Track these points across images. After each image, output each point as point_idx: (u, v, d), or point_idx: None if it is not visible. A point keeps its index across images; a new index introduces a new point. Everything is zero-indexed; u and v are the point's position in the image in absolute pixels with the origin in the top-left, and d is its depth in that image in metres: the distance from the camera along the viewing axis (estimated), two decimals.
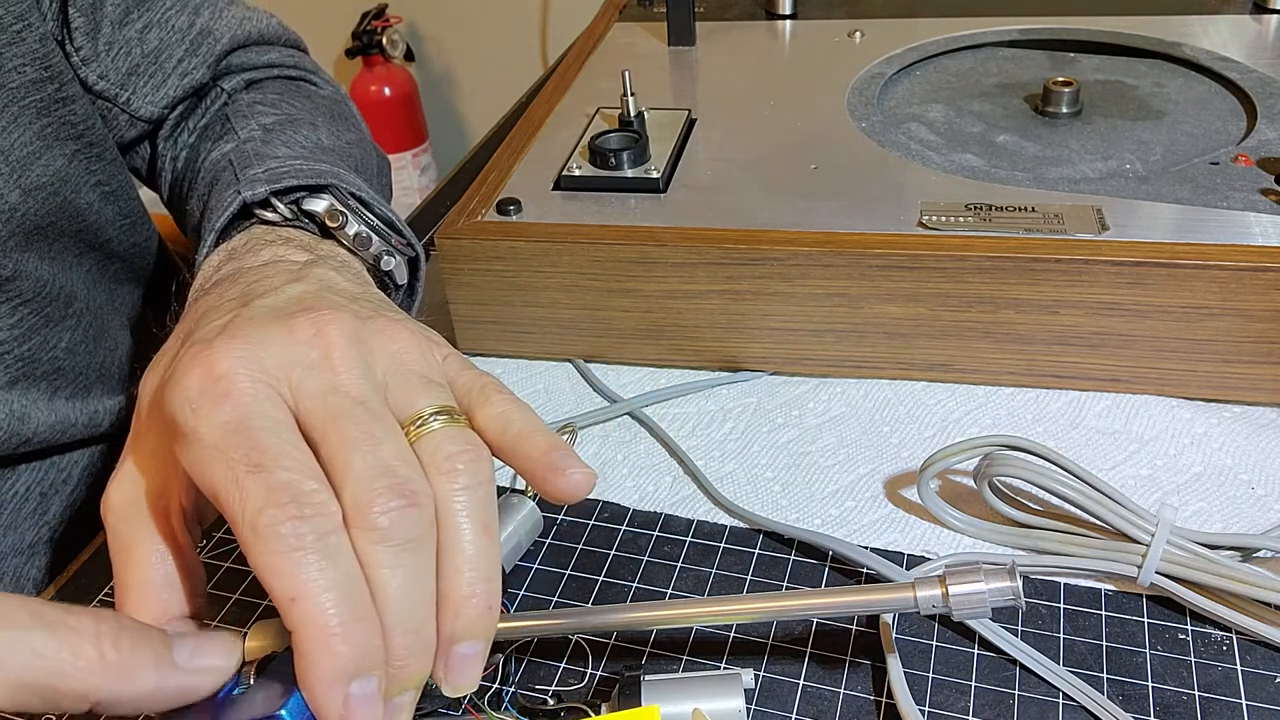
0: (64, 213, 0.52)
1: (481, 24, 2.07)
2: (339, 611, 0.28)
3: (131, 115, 0.57)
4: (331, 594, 0.28)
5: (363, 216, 0.48)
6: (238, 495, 0.29)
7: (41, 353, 0.53)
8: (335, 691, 0.28)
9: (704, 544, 0.45)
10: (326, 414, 0.31)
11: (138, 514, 0.33)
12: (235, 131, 0.55)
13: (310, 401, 0.32)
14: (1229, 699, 0.37)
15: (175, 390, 0.32)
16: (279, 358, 0.32)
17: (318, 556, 0.29)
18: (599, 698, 0.39)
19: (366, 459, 0.30)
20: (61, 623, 0.29)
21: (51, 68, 0.50)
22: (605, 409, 0.53)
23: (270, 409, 0.31)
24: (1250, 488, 0.45)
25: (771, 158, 0.57)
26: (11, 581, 0.55)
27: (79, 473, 0.58)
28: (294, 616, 0.28)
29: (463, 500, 0.31)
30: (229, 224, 0.45)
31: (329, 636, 0.28)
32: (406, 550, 0.30)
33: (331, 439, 0.31)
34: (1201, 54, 0.64)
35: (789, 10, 0.74)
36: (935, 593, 0.35)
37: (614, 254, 0.51)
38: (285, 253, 0.43)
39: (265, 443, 0.30)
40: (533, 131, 0.62)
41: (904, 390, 0.52)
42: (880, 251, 0.48)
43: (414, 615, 0.30)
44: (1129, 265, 0.45)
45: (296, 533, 0.29)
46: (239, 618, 0.44)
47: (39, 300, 0.52)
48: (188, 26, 0.58)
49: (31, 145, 0.50)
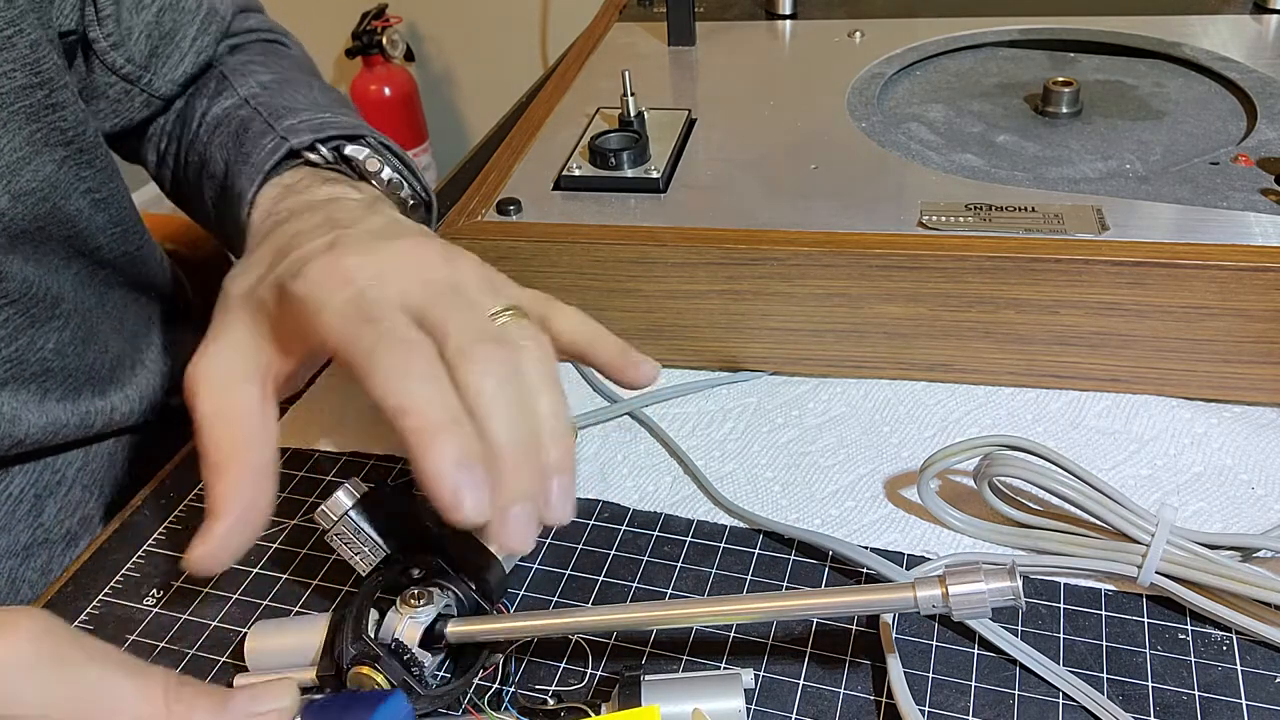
0: (53, 218, 0.53)
1: (481, 24, 2.07)
2: (443, 412, 0.34)
3: (151, 95, 0.61)
4: (435, 404, 0.34)
5: (391, 163, 0.54)
6: (356, 341, 0.36)
7: (29, 354, 0.53)
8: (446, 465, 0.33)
9: (704, 544, 0.45)
10: (426, 296, 0.38)
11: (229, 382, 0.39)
12: (234, 88, 0.59)
13: (413, 294, 0.38)
14: (1229, 699, 0.37)
15: (305, 283, 0.38)
16: (386, 261, 0.39)
17: (420, 379, 0.35)
18: (599, 698, 0.39)
19: (465, 318, 0.37)
20: (140, 669, 0.32)
21: (42, 74, 0.50)
22: (605, 409, 0.53)
23: (379, 294, 0.38)
24: (1250, 488, 0.45)
25: (771, 158, 0.57)
26: (7, 584, 0.55)
27: (73, 474, 0.58)
28: (404, 425, 0.34)
29: (535, 368, 0.37)
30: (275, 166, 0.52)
31: (433, 433, 0.33)
32: (510, 380, 0.36)
33: (432, 312, 0.37)
34: (1201, 54, 0.64)
35: (789, 10, 0.74)
36: (935, 593, 0.35)
37: (614, 254, 0.51)
38: (341, 191, 0.49)
39: (378, 310, 0.37)
40: (533, 131, 0.62)
41: (904, 390, 0.52)
42: (880, 251, 0.48)
43: (521, 428, 0.35)
44: (1129, 265, 0.45)
45: (410, 361, 0.35)
46: (239, 617, 0.44)
47: (25, 301, 0.52)
48: (196, 7, 0.62)
49: (21, 150, 0.50)
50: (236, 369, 0.40)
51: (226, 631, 0.43)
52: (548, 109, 0.64)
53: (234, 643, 0.43)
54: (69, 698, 0.31)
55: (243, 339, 0.41)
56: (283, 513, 0.49)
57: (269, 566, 0.46)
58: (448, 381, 0.35)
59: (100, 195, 0.57)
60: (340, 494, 0.40)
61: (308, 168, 0.52)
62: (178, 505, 0.50)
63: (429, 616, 0.38)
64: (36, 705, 0.30)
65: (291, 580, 0.45)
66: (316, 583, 0.45)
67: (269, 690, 0.34)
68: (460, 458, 0.33)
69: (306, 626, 0.40)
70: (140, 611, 0.44)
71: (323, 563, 0.46)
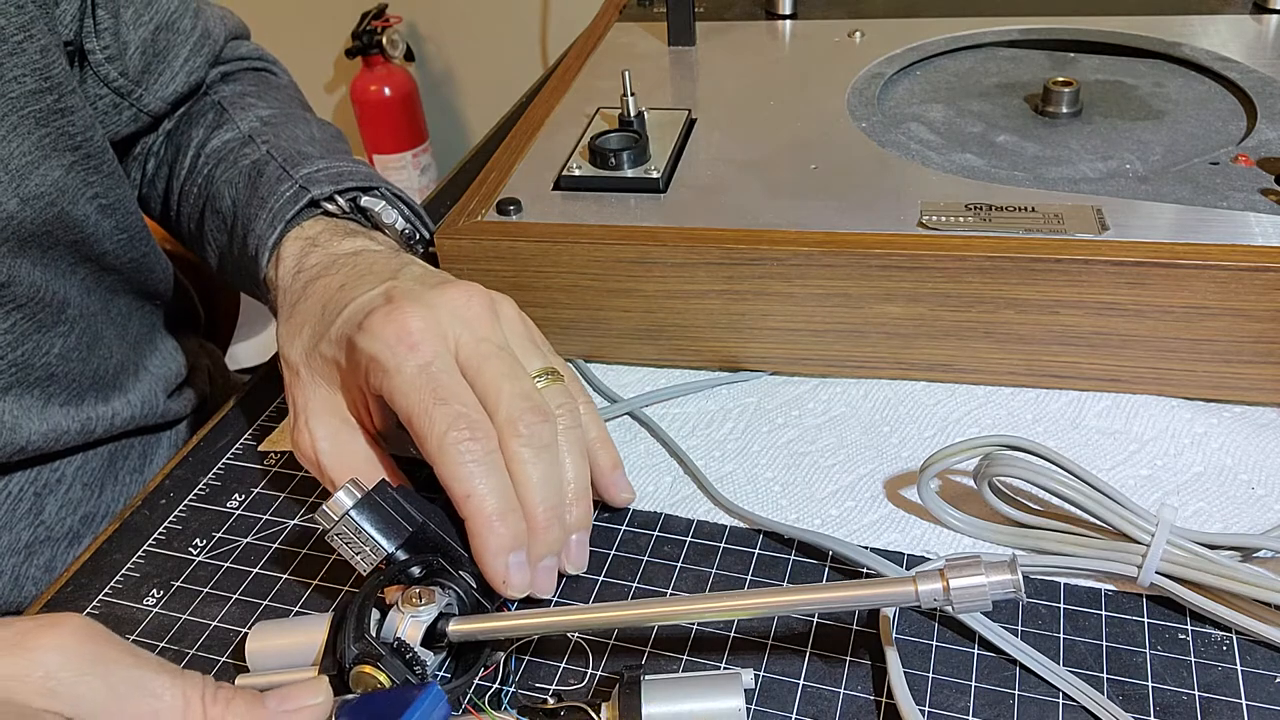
0: (60, 223, 0.53)
1: (481, 24, 2.07)
2: (498, 503, 0.40)
3: (140, 109, 0.61)
4: (495, 494, 0.40)
5: (402, 211, 0.57)
6: (427, 420, 0.40)
7: (35, 358, 0.53)
8: (500, 559, 0.40)
9: (704, 544, 0.45)
10: (480, 357, 0.43)
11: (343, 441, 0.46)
12: (235, 122, 0.61)
13: (468, 349, 0.43)
14: (1229, 699, 0.37)
15: (374, 340, 0.43)
16: (444, 317, 0.43)
17: (484, 467, 0.40)
18: (599, 697, 0.39)
19: (514, 387, 0.42)
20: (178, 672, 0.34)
21: (51, 79, 0.50)
22: (605, 409, 0.53)
23: (446, 355, 0.42)
24: (1250, 488, 0.45)
25: (771, 158, 0.57)
26: (10, 581, 0.55)
27: (73, 472, 0.58)
28: (468, 509, 0.40)
29: (565, 437, 0.43)
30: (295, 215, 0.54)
31: (493, 521, 0.40)
32: (546, 450, 0.42)
33: (485, 375, 0.42)
34: (1201, 54, 0.64)
35: (789, 10, 0.74)
36: (936, 586, 0.35)
37: (614, 254, 0.51)
38: (363, 244, 0.53)
39: (446, 383, 0.41)
40: (533, 131, 0.62)
41: (904, 390, 0.52)
42: (880, 251, 0.48)
43: (551, 495, 0.41)
44: (1129, 265, 0.45)
45: (471, 449, 0.40)
46: (239, 617, 0.44)
47: (32, 305, 0.52)
48: (190, 29, 0.62)
49: (30, 155, 0.50)
50: (336, 418, 0.46)
51: (226, 631, 0.43)
52: (548, 109, 0.64)
53: (234, 643, 0.43)
54: (111, 694, 0.32)
55: (325, 394, 0.47)
56: (283, 513, 0.49)
57: (269, 566, 0.46)
58: (503, 466, 0.41)
59: (107, 201, 0.57)
60: (341, 494, 0.40)
61: (325, 218, 0.55)
62: (178, 505, 0.50)
63: (430, 615, 0.38)
64: (82, 701, 0.31)
65: (292, 580, 0.45)
66: (317, 583, 0.45)
67: (302, 689, 0.36)
68: (512, 545, 0.40)
69: (307, 626, 0.40)
70: (140, 611, 0.44)
71: (323, 563, 0.46)
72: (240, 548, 0.47)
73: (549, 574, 0.42)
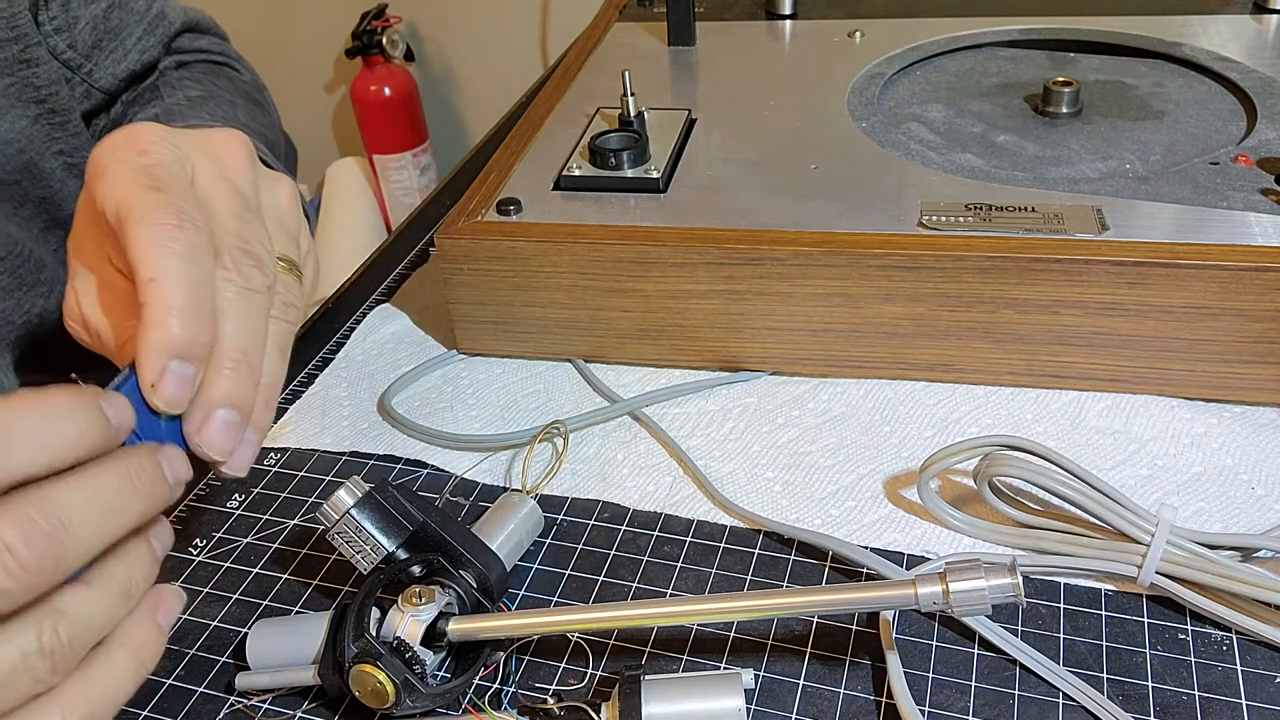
0: (28, 173, 0.55)
1: (481, 24, 2.07)
2: (185, 299, 0.34)
3: (91, 85, 0.62)
4: (183, 286, 0.34)
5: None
6: (137, 203, 0.35)
7: (16, 315, 0.54)
8: (159, 358, 0.33)
9: (704, 544, 0.45)
10: (214, 192, 0.38)
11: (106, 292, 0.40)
12: (161, 99, 0.62)
13: (205, 180, 0.38)
14: (1229, 699, 0.37)
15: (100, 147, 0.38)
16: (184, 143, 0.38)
17: (181, 260, 0.34)
18: (599, 697, 0.39)
19: (240, 224, 0.37)
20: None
21: (18, 29, 0.52)
22: (605, 409, 0.53)
23: (175, 165, 0.37)
24: (1250, 488, 0.45)
25: (771, 158, 0.57)
26: None
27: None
28: (146, 293, 0.34)
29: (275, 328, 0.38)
30: None
31: (168, 314, 0.33)
32: (251, 293, 0.36)
33: (218, 206, 0.37)
34: (1201, 54, 0.64)
35: (789, 10, 0.74)
36: (936, 589, 0.35)
37: (614, 254, 0.51)
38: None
39: (165, 179, 0.36)
40: (533, 131, 0.62)
41: (904, 390, 0.52)
42: (880, 251, 0.48)
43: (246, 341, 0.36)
44: (1129, 265, 0.45)
45: (173, 236, 0.34)
46: (239, 617, 0.44)
47: (12, 259, 0.54)
48: (145, 10, 0.64)
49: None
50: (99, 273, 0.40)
51: (226, 631, 0.43)
52: (548, 109, 0.64)
53: (234, 643, 0.43)
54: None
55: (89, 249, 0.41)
56: (283, 513, 0.49)
57: (269, 566, 0.46)
58: (208, 273, 0.35)
59: (74, 161, 0.58)
60: (342, 492, 0.40)
61: None
62: (178, 505, 0.50)
63: (430, 615, 0.38)
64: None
65: (292, 580, 0.45)
66: (317, 582, 0.45)
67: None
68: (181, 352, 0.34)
69: (307, 626, 0.40)
70: None
71: (323, 562, 0.46)
72: (240, 548, 0.47)
73: (227, 430, 0.36)
